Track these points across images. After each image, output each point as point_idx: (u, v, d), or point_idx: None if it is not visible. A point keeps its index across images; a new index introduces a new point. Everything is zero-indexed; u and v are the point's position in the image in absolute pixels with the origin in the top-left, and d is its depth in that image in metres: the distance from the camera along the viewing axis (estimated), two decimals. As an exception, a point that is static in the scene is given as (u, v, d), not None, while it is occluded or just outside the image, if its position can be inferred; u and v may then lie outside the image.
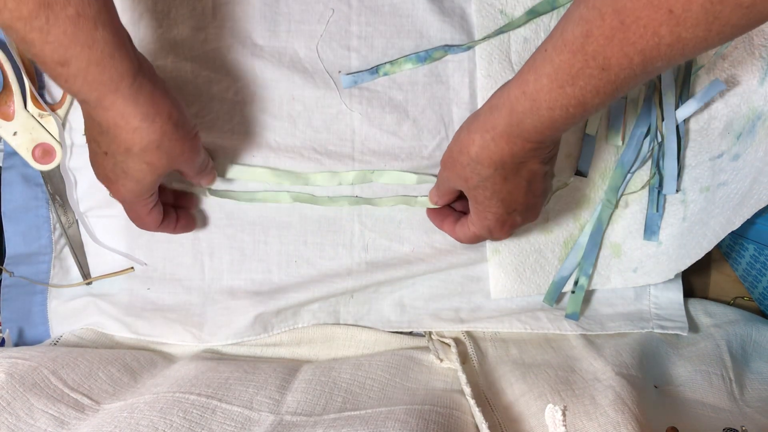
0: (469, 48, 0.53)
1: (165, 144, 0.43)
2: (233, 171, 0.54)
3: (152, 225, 0.50)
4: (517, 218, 0.47)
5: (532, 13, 0.52)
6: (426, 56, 0.53)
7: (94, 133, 0.43)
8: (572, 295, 0.58)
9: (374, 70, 0.53)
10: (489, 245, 0.57)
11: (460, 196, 0.51)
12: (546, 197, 0.48)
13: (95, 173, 0.46)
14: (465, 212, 0.52)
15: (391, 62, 0.53)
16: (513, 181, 0.44)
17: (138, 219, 0.49)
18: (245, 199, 0.55)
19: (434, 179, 0.55)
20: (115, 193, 0.46)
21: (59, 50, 0.36)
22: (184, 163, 0.46)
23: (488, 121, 0.42)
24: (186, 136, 0.44)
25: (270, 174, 0.54)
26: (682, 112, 0.54)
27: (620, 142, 0.55)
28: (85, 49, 0.37)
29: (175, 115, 0.43)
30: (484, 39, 0.53)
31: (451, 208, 0.54)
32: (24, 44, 0.36)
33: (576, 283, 0.58)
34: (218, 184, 0.54)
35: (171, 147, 0.43)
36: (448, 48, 0.53)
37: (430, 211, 0.55)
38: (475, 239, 0.50)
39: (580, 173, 0.56)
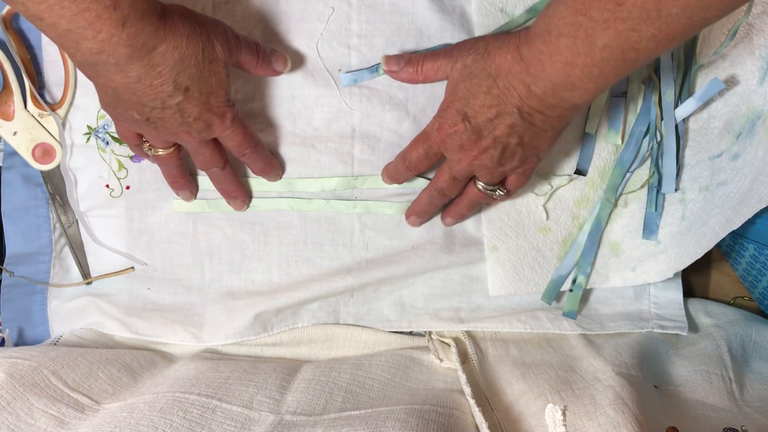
0: None
1: (203, 32, 0.43)
2: None
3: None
4: (464, 132, 0.46)
5: (533, 12, 0.52)
6: None
7: (165, 87, 0.42)
8: (570, 294, 0.58)
9: (374, 69, 0.53)
10: (487, 243, 0.57)
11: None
12: (500, 158, 0.47)
13: (189, 134, 0.46)
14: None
15: None
16: (489, 97, 0.44)
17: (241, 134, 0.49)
18: (244, 208, 0.55)
19: (420, 180, 0.55)
20: (226, 119, 0.46)
21: None
22: (226, 42, 0.45)
23: (518, 32, 0.43)
24: (202, 17, 0.45)
25: (256, 182, 0.55)
26: (682, 111, 0.54)
27: (620, 141, 0.55)
28: None
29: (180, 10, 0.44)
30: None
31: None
32: (74, 3, 0.36)
33: (574, 281, 0.58)
34: (214, 194, 0.55)
35: (208, 30, 0.44)
36: (448, 46, 0.53)
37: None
38: (418, 137, 0.50)
39: (580, 172, 0.56)
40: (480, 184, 0.50)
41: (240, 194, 0.54)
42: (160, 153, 0.49)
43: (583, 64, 0.39)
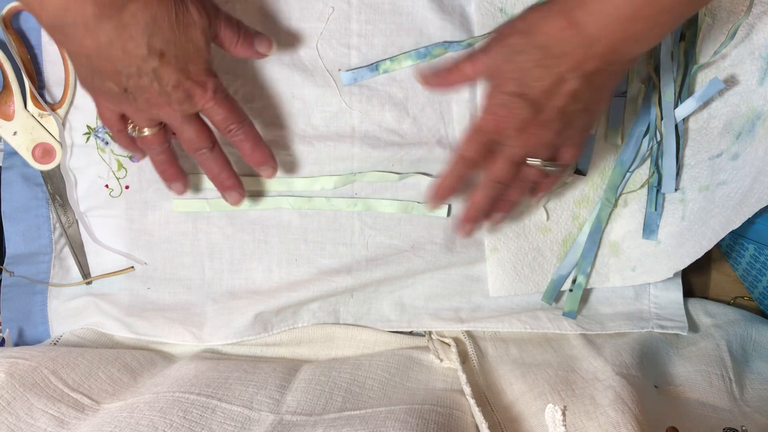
0: (469, 45, 0.53)
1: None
2: None
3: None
4: (522, 110, 0.43)
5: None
6: (426, 53, 0.53)
7: (138, 50, 0.41)
8: (570, 294, 0.58)
9: (374, 67, 0.53)
10: (487, 243, 0.57)
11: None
12: (562, 128, 0.44)
13: (168, 103, 0.44)
14: None
15: (390, 59, 0.53)
16: (543, 69, 0.42)
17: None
18: (245, 207, 0.55)
19: (417, 176, 0.55)
20: (208, 88, 0.44)
21: None
22: (204, 7, 0.44)
23: None
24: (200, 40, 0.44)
25: (253, 181, 0.54)
26: (681, 111, 0.54)
27: (619, 141, 0.55)
28: None
29: None
30: (483, 36, 0.53)
31: None
32: None
33: (574, 281, 0.58)
34: (214, 194, 0.55)
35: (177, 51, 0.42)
36: (448, 45, 0.53)
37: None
38: (473, 130, 0.47)
39: (579, 172, 0.56)
40: (536, 161, 0.47)
41: (233, 183, 0.51)
42: (145, 133, 0.47)
43: (649, 15, 0.38)
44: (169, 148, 0.50)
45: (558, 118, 0.44)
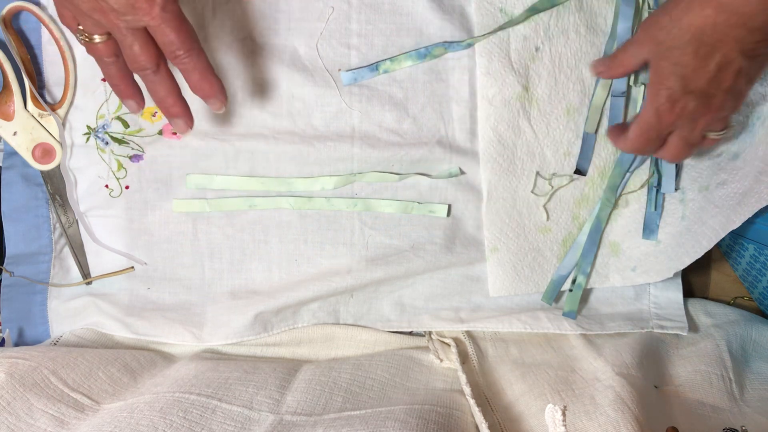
0: (469, 45, 0.53)
1: None
2: (217, 182, 0.55)
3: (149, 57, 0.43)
4: (690, 103, 0.43)
5: (532, 11, 0.52)
6: (426, 53, 0.53)
7: None
8: (570, 294, 0.58)
9: (374, 67, 0.53)
10: (487, 244, 0.57)
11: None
12: (730, 98, 0.44)
13: (120, 16, 0.41)
14: None
15: (390, 59, 0.53)
16: (702, 60, 0.41)
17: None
18: (245, 207, 0.55)
19: (416, 176, 0.55)
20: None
21: None
22: None
23: None
24: None
25: (255, 182, 0.55)
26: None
27: None
28: None
29: None
30: (483, 36, 0.53)
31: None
32: None
33: (574, 281, 0.58)
34: (214, 194, 0.55)
35: None
36: (448, 45, 0.53)
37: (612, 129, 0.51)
38: (643, 132, 0.47)
39: (579, 172, 0.56)
40: (712, 135, 0.47)
41: (180, 110, 0.46)
42: (95, 40, 0.43)
43: None
44: (118, 61, 0.45)
45: (729, 98, 0.44)
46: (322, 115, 0.54)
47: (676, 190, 0.56)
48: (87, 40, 0.43)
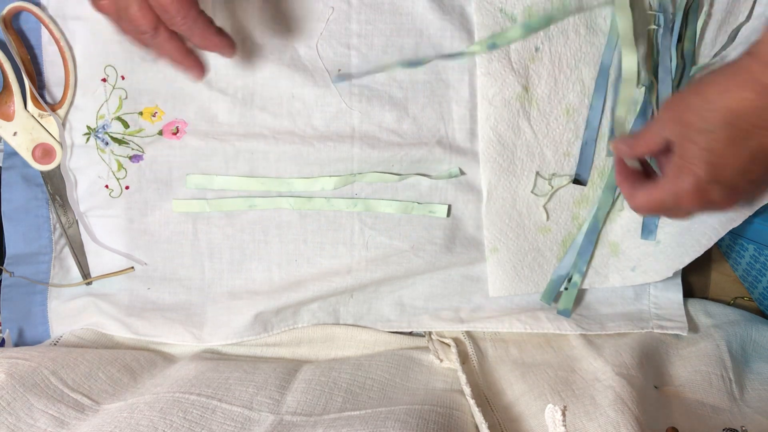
0: (468, 55, 0.53)
1: None
2: (218, 182, 0.54)
3: (145, 22, 0.42)
4: (716, 194, 0.40)
5: (528, 29, 0.52)
6: (418, 63, 0.53)
7: None
8: (565, 292, 0.58)
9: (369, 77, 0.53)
10: (487, 244, 0.57)
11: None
12: (752, 190, 0.40)
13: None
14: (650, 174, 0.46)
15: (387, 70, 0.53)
16: (735, 147, 0.37)
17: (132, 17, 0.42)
18: (245, 207, 0.55)
19: (416, 177, 0.55)
20: None
21: None
22: None
23: (741, 65, 0.36)
24: None
25: (255, 182, 0.54)
26: (681, 111, 0.53)
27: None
28: None
29: None
30: (478, 44, 0.53)
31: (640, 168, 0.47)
32: None
33: (570, 279, 0.58)
34: (214, 194, 0.55)
35: None
36: (445, 57, 0.53)
37: (619, 161, 0.47)
38: (654, 207, 0.43)
39: (578, 182, 0.56)
40: None
41: (189, 63, 0.46)
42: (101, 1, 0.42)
43: None
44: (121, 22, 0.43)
45: (749, 187, 0.40)
46: (322, 115, 0.54)
47: None
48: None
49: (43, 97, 0.54)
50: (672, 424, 0.44)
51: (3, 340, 0.55)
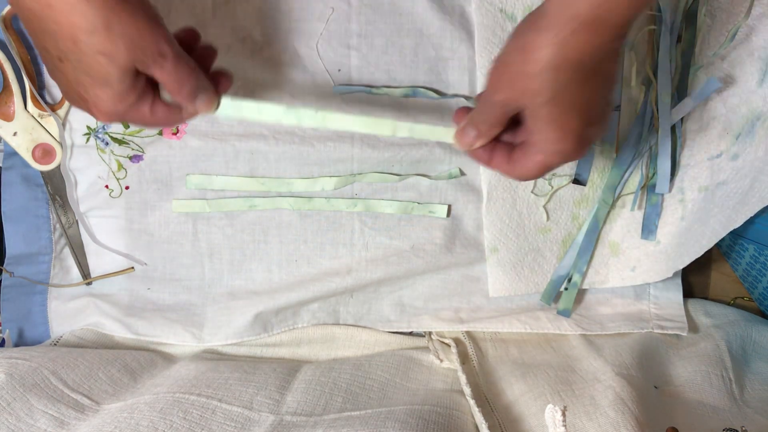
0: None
1: (114, 23, 0.35)
2: (218, 182, 0.55)
3: (167, 122, 0.42)
4: (592, 132, 0.39)
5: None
6: (414, 94, 0.54)
7: (42, 39, 0.37)
8: (565, 292, 0.58)
9: (367, 91, 0.53)
10: (487, 244, 0.57)
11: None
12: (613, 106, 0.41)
13: (68, 99, 0.40)
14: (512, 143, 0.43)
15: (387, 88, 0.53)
16: (592, 85, 0.37)
17: (150, 124, 0.42)
18: (245, 207, 0.55)
19: (416, 177, 0.55)
20: (97, 111, 0.39)
21: None
22: (150, 57, 0.37)
23: (562, 12, 0.35)
24: (142, 14, 0.37)
25: (254, 182, 0.54)
26: (678, 111, 0.53)
27: (614, 155, 0.55)
28: None
29: None
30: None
31: (497, 140, 0.44)
32: None
33: (569, 280, 0.58)
34: (214, 194, 0.55)
35: (123, 28, 0.36)
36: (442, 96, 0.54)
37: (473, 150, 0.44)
38: (542, 170, 0.41)
39: (578, 182, 0.56)
40: None
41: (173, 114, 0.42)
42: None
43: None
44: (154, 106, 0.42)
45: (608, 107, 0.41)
46: (322, 115, 0.54)
47: (669, 190, 0.55)
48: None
49: (43, 97, 0.54)
50: (672, 424, 0.44)
51: (3, 340, 0.55)
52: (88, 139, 0.55)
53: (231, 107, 0.43)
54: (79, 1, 0.34)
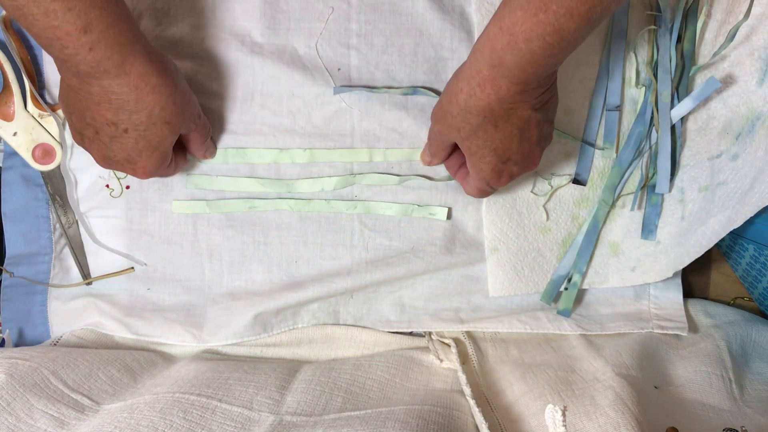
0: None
1: (178, 98, 0.45)
2: (218, 183, 0.54)
3: (175, 172, 0.52)
4: (513, 168, 0.47)
5: None
6: (415, 93, 0.53)
7: (108, 115, 0.43)
8: (565, 292, 0.58)
9: (367, 91, 0.53)
10: (487, 244, 0.57)
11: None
12: (543, 145, 0.47)
13: (109, 165, 0.47)
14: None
15: (387, 89, 0.53)
16: (504, 129, 0.44)
17: (166, 175, 0.52)
18: (244, 209, 0.55)
19: (417, 178, 0.55)
20: (140, 171, 0.47)
21: (81, 16, 0.37)
22: (193, 120, 0.48)
23: (472, 66, 0.42)
24: (185, 83, 0.46)
25: (254, 183, 0.54)
26: (678, 111, 0.54)
27: (614, 155, 0.55)
28: (103, 11, 0.38)
29: (175, 67, 0.45)
30: None
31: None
32: (45, 17, 0.37)
33: (569, 280, 0.58)
34: (214, 195, 0.55)
35: (183, 101, 0.45)
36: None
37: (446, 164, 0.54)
38: (480, 192, 0.50)
39: (578, 182, 0.56)
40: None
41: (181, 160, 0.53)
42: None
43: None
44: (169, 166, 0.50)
45: (542, 144, 0.47)
46: (322, 114, 0.54)
47: (669, 190, 0.56)
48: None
49: (43, 97, 0.54)
50: (672, 424, 0.44)
51: (3, 340, 0.55)
52: (88, 139, 0.55)
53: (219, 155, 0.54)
54: (159, 83, 0.43)
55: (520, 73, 0.40)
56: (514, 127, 0.44)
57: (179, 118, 0.45)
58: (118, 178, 0.55)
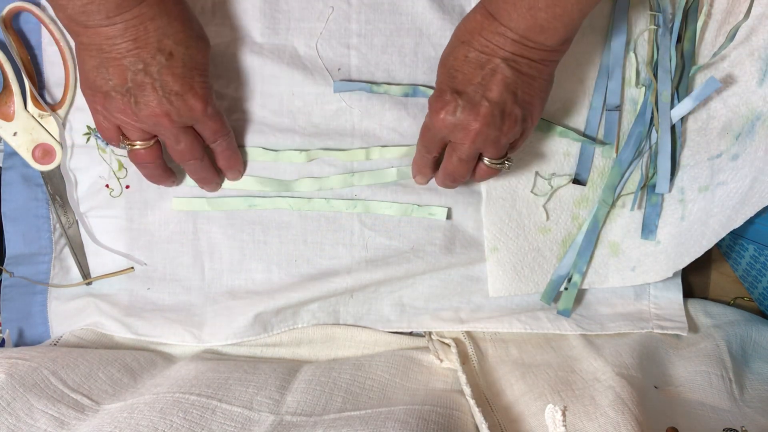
0: None
1: (195, 18, 0.47)
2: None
3: (185, 156, 0.50)
4: (459, 102, 0.44)
5: None
6: (414, 93, 0.53)
7: (152, 41, 0.43)
8: (565, 292, 0.58)
9: (368, 88, 0.53)
10: (487, 244, 0.57)
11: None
12: (506, 129, 0.45)
13: (170, 104, 0.45)
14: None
15: (387, 84, 0.53)
16: (471, 62, 0.44)
17: (184, 144, 0.49)
18: (244, 207, 0.55)
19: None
20: (199, 97, 0.46)
21: None
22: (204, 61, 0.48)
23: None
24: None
25: (254, 182, 0.54)
26: (678, 111, 0.54)
27: (614, 155, 0.55)
28: None
29: None
30: None
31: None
32: None
33: (569, 279, 0.58)
34: (214, 193, 0.55)
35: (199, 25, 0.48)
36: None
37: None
38: (421, 131, 0.49)
39: (578, 182, 0.56)
40: (486, 161, 0.48)
41: (215, 177, 0.53)
42: (137, 146, 0.48)
43: (545, 5, 0.41)
44: (162, 163, 0.50)
45: (494, 113, 0.44)
46: (322, 113, 0.54)
47: (669, 190, 0.55)
48: (130, 146, 0.48)
49: (43, 97, 0.54)
50: (672, 424, 0.44)
51: (3, 340, 0.55)
52: (88, 139, 0.55)
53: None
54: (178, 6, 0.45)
55: (514, 26, 0.42)
56: (477, 62, 0.44)
57: (205, 34, 0.47)
58: (118, 178, 0.55)
